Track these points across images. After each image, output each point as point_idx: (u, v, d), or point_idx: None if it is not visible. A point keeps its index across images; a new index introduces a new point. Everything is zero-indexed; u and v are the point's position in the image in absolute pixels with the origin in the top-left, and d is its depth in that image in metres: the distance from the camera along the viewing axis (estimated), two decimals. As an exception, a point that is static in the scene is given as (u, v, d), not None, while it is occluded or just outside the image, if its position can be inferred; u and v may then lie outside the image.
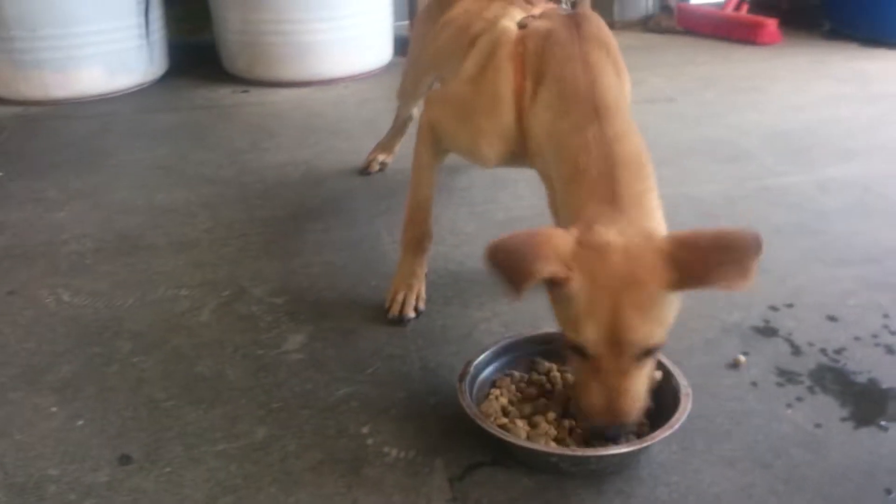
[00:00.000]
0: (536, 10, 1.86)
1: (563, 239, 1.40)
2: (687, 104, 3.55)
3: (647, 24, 4.95)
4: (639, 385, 1.44)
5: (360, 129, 3.33)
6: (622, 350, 1.40)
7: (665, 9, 4.87)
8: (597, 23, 1.77)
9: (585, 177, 1.51)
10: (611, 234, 1.40)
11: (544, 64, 1.69)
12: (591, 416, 1.45)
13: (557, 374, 1.72)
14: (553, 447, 1.53)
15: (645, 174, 1.53)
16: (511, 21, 1.84)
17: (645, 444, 1.50)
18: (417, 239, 2.05)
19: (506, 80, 1.74)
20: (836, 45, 4.46)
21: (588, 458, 1.51)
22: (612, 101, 1.61)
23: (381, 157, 2.91)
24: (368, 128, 3.26)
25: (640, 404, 1.46)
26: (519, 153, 1.77)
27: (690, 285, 1.37)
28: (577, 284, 1.37)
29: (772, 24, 4.50)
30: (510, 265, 1.36)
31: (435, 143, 1.98)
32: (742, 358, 1.85)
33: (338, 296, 2.14)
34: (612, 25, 4.87)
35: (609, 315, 1.37)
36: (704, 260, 1.35)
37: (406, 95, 2.74)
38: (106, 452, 1.61)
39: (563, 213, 1.56)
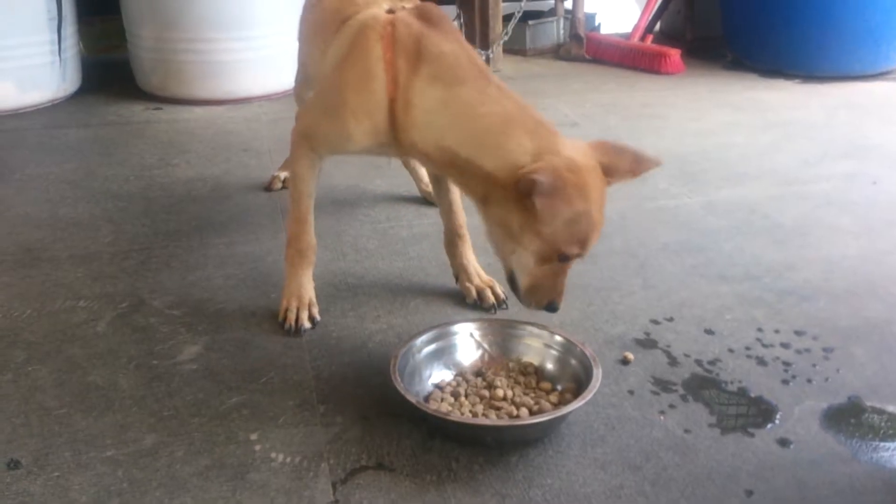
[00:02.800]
0: (407, 4, 1.99)
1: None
2: (590, 129, 3.67)
3: (558, 53, 5.10)
4: None
5: (271, 147, 3.37)
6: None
7: (575, 38, 5.02)
8: (452, 23, 1.97)
9: (515, 121, 1.75)
10: (577, 156, 1.71)
11: (420, 45, 1.82)
12: (550, 301, 1.79)
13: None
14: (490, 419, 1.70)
15: None
16: (380, 8, 1.96)
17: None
18: (302, 252, 2.10)
19: (376, 58, 1.84)
20: (736, 75, 4.64)
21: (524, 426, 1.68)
22: (487, 69, 1.87)
23: (283, 175, 2.93)
24: (280, 146, 3.30)
25: None
26: (384, 135, 1.87)
27: (616, 180, 1.79)
28: (579, 202, 1.66)
29: (675, 54, 4.66)
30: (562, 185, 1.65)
31: (309, 150, 2.03)
32: (630, 355, 1.97)
33: (237, 308, 2.18)
34: (524, 53, 5.07)
35: (599, 223, 1.73)
36: (619, 158, 1.79)
37: (302, 93, 2.78)
38: (-6, 458, 1.62)
39: (491, 159, 1.73)
